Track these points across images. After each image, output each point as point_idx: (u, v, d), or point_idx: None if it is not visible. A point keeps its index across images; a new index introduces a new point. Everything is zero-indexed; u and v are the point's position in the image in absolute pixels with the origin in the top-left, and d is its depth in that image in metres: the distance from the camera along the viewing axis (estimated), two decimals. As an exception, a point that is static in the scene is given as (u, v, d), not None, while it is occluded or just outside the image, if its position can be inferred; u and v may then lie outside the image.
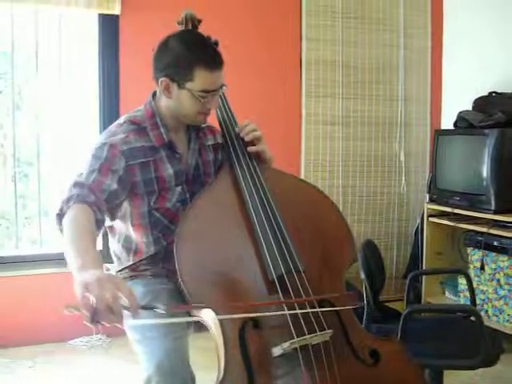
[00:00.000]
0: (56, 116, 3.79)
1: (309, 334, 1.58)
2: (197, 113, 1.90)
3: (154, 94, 1.99)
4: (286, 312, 1.61)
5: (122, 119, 1.98)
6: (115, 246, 2.05)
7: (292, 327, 1.59)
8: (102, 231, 1.78)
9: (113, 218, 1.95)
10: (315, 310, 1.64)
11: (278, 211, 1.82)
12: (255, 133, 2.02)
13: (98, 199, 1.72)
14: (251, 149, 2.00)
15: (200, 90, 1.83)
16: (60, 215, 1.67)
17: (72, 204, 1.65)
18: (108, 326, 1.33)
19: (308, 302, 1.65)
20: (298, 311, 1.62)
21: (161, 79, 1.87)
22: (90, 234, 1.59)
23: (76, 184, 1.73)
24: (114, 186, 1.79)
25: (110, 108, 3.75)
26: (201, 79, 1.82)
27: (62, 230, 1.64)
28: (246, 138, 2.01)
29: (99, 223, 1.71)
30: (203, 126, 2.09)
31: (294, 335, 1.58)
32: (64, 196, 1.70)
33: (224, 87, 1.93)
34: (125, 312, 1.34)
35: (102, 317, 1.30)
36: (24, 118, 3.81)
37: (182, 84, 1.84)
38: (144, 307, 1.43)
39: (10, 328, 3.54)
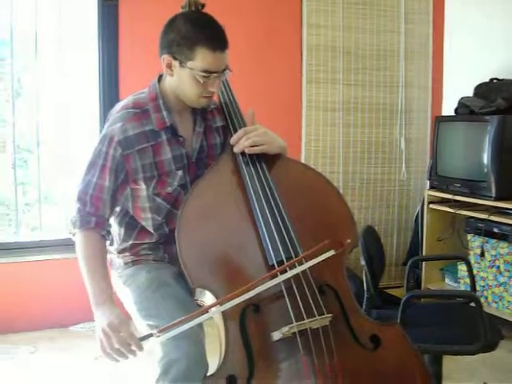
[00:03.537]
0: (56, 103, 3.78)
1: (308, 318, 1.59)
2: (198, 95, 1.86)
3: (161, 77, 1.96)
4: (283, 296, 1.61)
5: (124, 102, 1.96)
6: (116, 226, 2.04)
7: (291, 312, 1.60)
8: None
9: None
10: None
11: (280, 196, 1.82)
12: (246, 142, 1.89)
13: (98, 219, 1.88)
14: (251, 150, 1.90)
15: (201, 69, 1.79)
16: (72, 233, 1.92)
17: (78, 231, 1.87)
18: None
19: (307, 286, 1.66)
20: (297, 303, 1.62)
21: (163, 56, 1.84)
22: (99, 264, 1.84)
23: (79, 199, 1.89)
24: (111, 185, 1.89)
25: (109, 95, 3.73)
26: (202, 58, 1.78)
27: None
28: (237, 151, 1.91)
29: (107, 233, 1.94)
30: (212, 106, 2.05)
31: (293, 320, 1.59)
32: (71, 214, 1.90)
33: (228, 72, 1.89)
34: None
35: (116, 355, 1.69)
36: (24, 104, 3.80)
37: (183, 62, 1.81)
38: (143, 338, 1.66)
39: (10, 314, 3.55)
